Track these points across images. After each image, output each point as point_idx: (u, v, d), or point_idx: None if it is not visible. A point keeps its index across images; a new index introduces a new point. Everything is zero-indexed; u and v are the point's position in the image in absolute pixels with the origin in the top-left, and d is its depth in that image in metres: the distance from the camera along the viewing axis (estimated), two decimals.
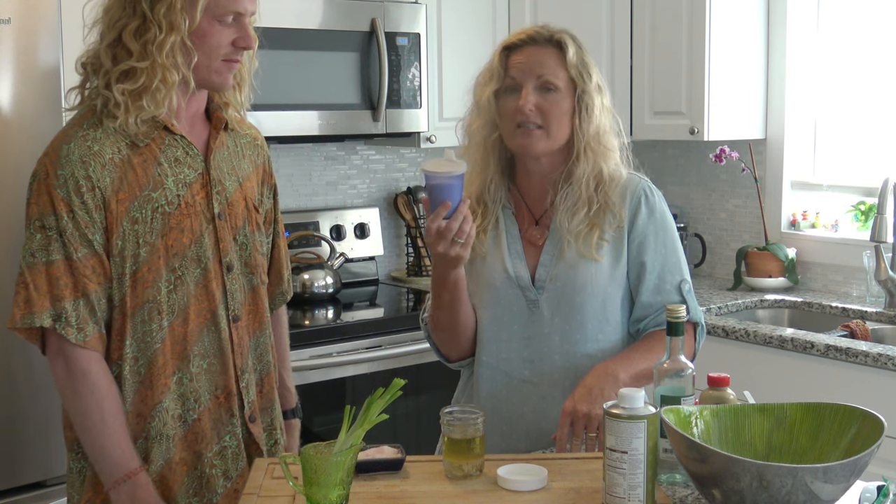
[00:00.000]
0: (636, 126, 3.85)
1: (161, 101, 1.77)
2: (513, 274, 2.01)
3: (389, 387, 1.57)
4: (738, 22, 3.73)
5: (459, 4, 3.70)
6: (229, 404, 1.87)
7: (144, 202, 1.77)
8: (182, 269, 1.80)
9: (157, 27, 1.73)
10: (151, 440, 1.81)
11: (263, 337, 1.95)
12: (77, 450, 1.85)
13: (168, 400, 1.81)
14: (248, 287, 1.91)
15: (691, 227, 4.13)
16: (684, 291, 2.00)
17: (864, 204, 3.70)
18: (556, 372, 1.99)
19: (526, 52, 1.98)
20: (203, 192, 1.83)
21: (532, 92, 1.95)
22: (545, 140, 1.97)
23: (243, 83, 1.92)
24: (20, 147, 2.43)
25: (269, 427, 1.97)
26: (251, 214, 1.92)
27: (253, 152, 1.98)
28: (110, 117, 1.76)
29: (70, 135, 1.78)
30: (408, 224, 3.97)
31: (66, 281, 1.74)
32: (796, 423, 1.58)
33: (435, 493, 1.65)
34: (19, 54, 2.41)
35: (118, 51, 1.76)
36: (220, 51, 1.80)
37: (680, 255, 2.04)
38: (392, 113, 3.48)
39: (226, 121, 1.91)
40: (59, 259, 1.74)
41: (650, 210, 2.01)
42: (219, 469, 1.86)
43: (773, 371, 3.09)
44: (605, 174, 2.00)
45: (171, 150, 1.81)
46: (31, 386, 2.47)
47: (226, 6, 1.77)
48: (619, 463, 1.51)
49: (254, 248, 1.92)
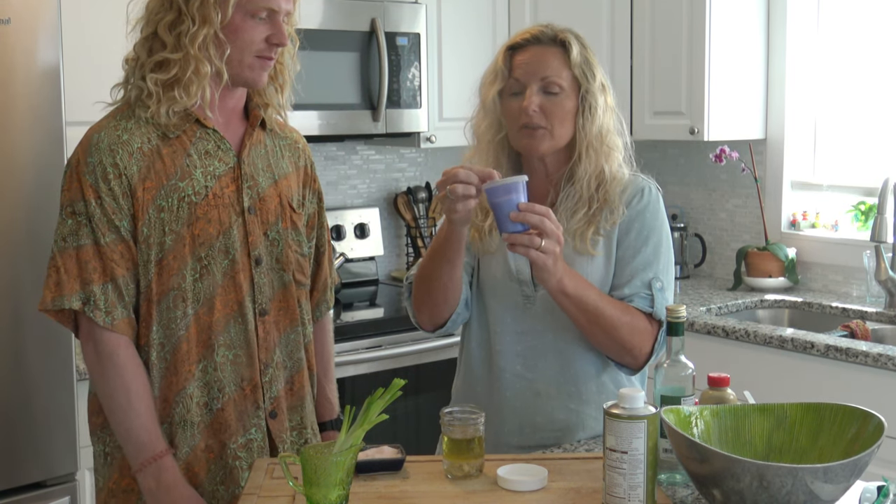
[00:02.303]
0: (636, 126, 3.85)
1: (193, 93, 1.81)
2: (514, 268, 2.02)
3: (389, 387, 1.57)
4: (738, 22, 3.73)
5: (459, 4, 3.70)
6: (255, 397, 1.89)
7: (171, 191, 1.81)
8: (209, 258, 1.83)
9: (190, 20, 1.78)
10: (176, 425, 1.83)
11: (294, 334, 1.96)
12: (100, 434, 1.88)
13: (192, 387, 1.83)
14: (279, 283, 1.93)
15: (691, 227, 4.13)
16: (655, 288, 1.96)
17: (864, 204, 3.70)
18: (549, 368, 2.00)
19: (530, 53, 1.99)
20: (233, 186, 1.87)
21: (536, 93, 1.95)
22: (549, 140, 1.97)
23: (285, 84, 1.96)
24: (20, 147, 2.43)
25: (300, 426, 1.97)
26: (286, 212, 1.94)
27: (293, 154, 2.01)
28: (143, 107, 1.82)
29: (102, 125, 1.84)
30: (408, 224, 3.97)
31: (94, 265, 1.78)
32: (796, 423, 1.58)
33: (435, 493, 1.65)
34: (19, 54, 2.41)
35: (154, 43, 1.82)
36: (252, 46, 1.83)
37: (661, 254, 2.00)
38: (392, 113, 3.48)
39: (262, 118, 1.94)
40: (88, 244, 1.79)
41: (643, 205, 2.01)
42: (244, 461, 1.87)
43: (773, 371, 3.09)
44: (606, 174, 1.99)
45: (203, 143, 1.85)
46: (32, 387, 2.48)
47: (258, 2, 1.80)
48: (619, 463, 1.51)
49: (286, 245, 1.94)
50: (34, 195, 2.45)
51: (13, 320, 2.43)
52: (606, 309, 1.90)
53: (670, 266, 2.02)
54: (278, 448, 1.92)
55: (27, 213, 2.44)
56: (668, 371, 1.70)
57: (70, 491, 2.56)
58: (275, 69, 1.92)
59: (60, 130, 2.48)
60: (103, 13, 2.88)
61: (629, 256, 1.98)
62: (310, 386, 2.01)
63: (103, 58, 2.86)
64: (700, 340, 3.22)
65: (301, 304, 1.98)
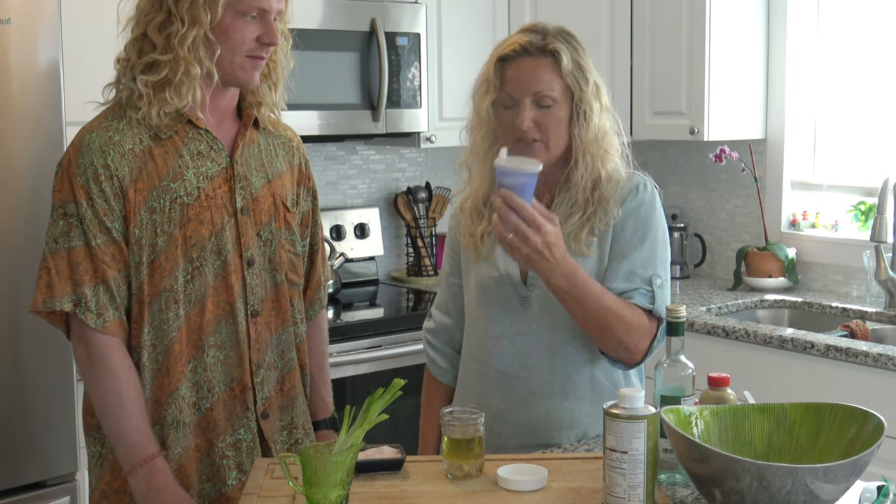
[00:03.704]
0: (636, 126, 3.85)
1: (184, 94, 1.80)
2: (504, 271, 2.02)
3: (389, 387, 1.57)
4: (738, 22, 3.73)
5: (459, 4, 3.70)
6: (244, 398, 1.89)
7: (163, 192, 1.80)
8: (200, 259, 1.83)
9: (179, 21, 1.77)
10: (168, 426, 1.83)
11: (286, 334, 1.95)
12: (95, 435, 1.88)
13: (184, 388, 1.83)
14: (271, 283, 1.92)
15: (691, 227, 4.13)
16: (655, 285, 1.95)
17: (864, 204, 3.70)
18: (545, 368, 2.00)
19: (519, 66, 1.97)
20: (226, 187, 1.86)
21: (529, 108, 1.95)
22: (545, 152, 1.97)
23: (278, 83, 1.95)
24: (20, 147, 2.43)
25: (290, 426, 1.97)
26: (279, 212, 1.93)
27: (287, 153, 2.00)
28: (134, 108, 1.81)
29: (94, 126, 1.83)
30: (408, 224, 3.97)
31: (86, 266, 1.78)
32: (796, 423, 1.58)
33: (435, 493, 1.65)
34: (19, 54, 2.41)
35: (144, 44, 1.81)
36: (243, 46, 1.82)
37: (658, 250, 1.99)
38: (392, 113, 3.48)
39: (255, 118, 1.93)
40: (79, 245, 1.78)
41: (638, 202, 2.00)
42: (232, 460, 1.87)
43: (773, 371, 3.09)
44: (602, 176, 1.99)
45: (195, 144, 1.85)
46: (32, 387, 2.48)
47: (248, 2, 1.80)
48: (619, 463, 1.51)
49: (280, 245, 1.93)
50: (34, 195, 2.45)
51: (13, 320, 2.43)
52: (607, 305, 1.89)
53: (668, 262, 2.02)
54: (271, 448, 1.92)
55: (27, 213, 2.44)
56: (668, 371, 1.70)
57: (70, 491, 2.56)
58: (268, 67, 1.91)
59: (60, 130, 2.48)
60: (103, 13, 2.87)
61: (626, 252, 1.97)
62: (301, 385, 2.01)
63: (103, 58, 2.86)
64: (700, 340, 3.22)
65: (294, 303, 1.97)
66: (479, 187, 2.07)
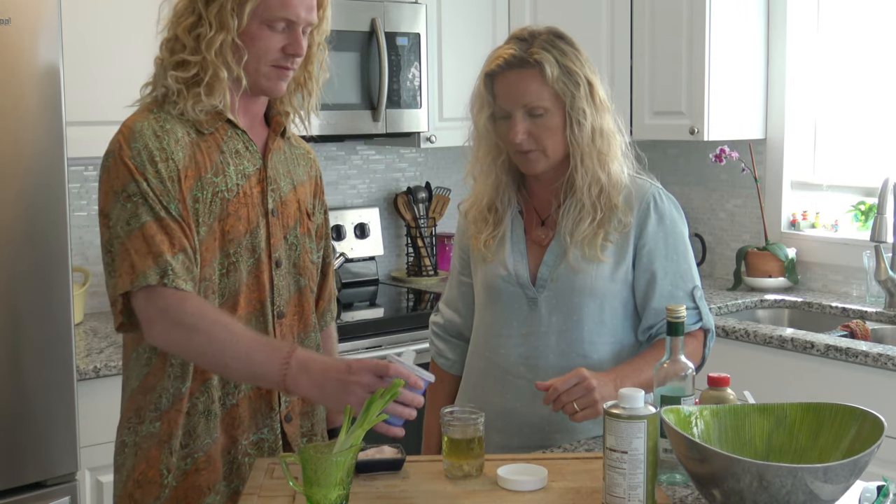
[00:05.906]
0: (636, 126, 3.85)
1: (216, 94, 1.82)
2: (512, 272, 2.04)
3: (389, 387, 1.57)
4: (738, 22, 3.73)
5: (459, 4, 3.70)
6: (269, 399, 1.89)
7: (206, 184, 1.81)
8: (236, 255, 1.84)
9: (208, 25, 1.79)
10: (199, 415, 1.82)
11: (308, 339, 1.96)
12: (128, 425, 1.86)
13: (215, 379, 1.84)
14: (295, 287, 1.93)
15: (691, 227, 4.10)
16: (697, 298, 2.03)
17: (864, 204, 3.70)
18: (551, 370, 2.00)
19: (506, 80, 1.98)
20: (259, 187, 1.88)
21: (522, 120, 1.97)
22: (544, 160, 2.00)
23: (311, 93, 1.96)
24: (21, 147, 2.43)
25: (310, 432, 1.97)
26: (303, 218, 1.96)
27: (306, 164, 2.03)
28: (172, 104, 1.83)
29: (139, 117, 1.83)
30: (408, 224, 3.97)
31: (161, 238, 1.75)
32: (796, 423, 1.58)
33: (435, 493, 1.65)
34: (19, 54, 2.41)
35: (175, 45, 1.84)
36: (268, 55, 1.83)
37: (691, 262, 2.06)
38: (392, 113, 3.48)
39: (284, 126, 1.96)
40: (149, 220, 1.76)
41: (660, 216, 2.03)
42: (253, 458, 1.87)
43: (773, 371, 3.09)
44: (605, 180, 2.00)
45: (233, 142, 1.87)
46: (32, 387, 2.47)
47: (275, 12, 1.81)
48: (619, 463, 1.51)
49: (303, 250, 1.95)
50: (34, 195, 2.44)
51: (13, 321, 2.43)
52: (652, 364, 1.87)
53: (696, 267, 2.10)
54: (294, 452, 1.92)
55: (27, 213, 2.44)
56: (668, 371, 1.70)
57: (70, 491, 2.56)
58: (304, 76, 1.92)
59: (60, 130, 2.48)
60: (103, 13, 2.88)
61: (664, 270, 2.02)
62: None
63: (103, 58, 2.87)
64: None
65: (315, 310, 2.00)
66: (483, 194, 2.09)
